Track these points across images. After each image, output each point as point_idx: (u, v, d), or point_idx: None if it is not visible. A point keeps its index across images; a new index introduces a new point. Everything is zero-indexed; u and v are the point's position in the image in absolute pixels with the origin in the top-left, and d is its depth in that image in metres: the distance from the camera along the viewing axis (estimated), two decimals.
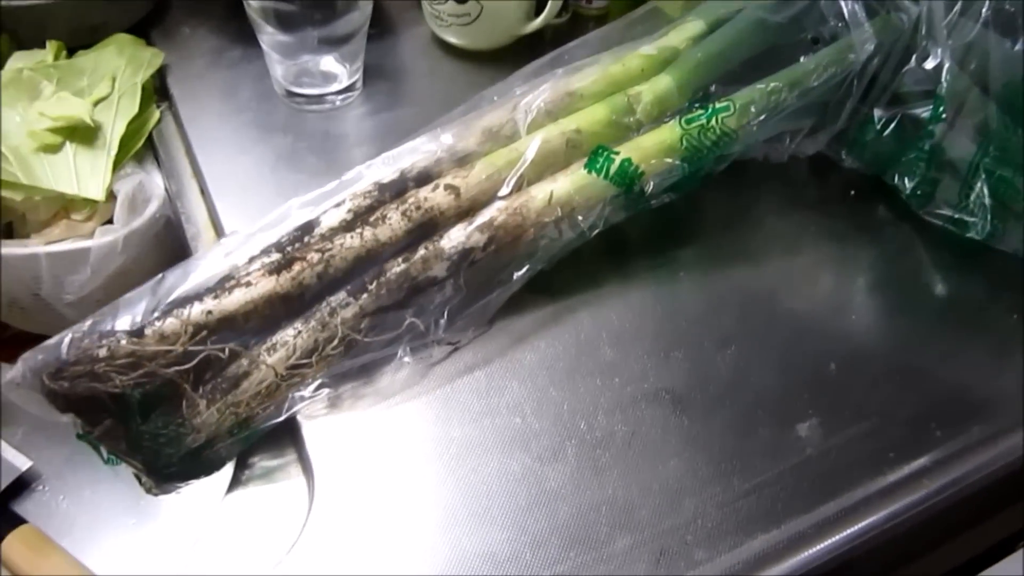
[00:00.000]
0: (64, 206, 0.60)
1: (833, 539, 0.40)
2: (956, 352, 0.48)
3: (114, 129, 0.61)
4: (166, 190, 0.61)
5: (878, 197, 0.56)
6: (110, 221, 0.60)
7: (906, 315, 0.50)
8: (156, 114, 0.64)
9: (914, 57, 0.52)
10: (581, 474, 0.42)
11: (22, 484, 0.59)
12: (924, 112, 0.52)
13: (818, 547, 0.40)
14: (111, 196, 0.60)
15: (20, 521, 0.56)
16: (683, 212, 0.53)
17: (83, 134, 0.60)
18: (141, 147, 0.63)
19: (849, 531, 0.40)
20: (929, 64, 0.51)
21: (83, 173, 0.59)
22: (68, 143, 0.60)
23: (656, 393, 0.45)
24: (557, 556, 0.39)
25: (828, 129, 0.55)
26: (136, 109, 0.62)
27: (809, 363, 0.47)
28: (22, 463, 0.59)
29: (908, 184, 0.53)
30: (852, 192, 0.57)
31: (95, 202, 0.59)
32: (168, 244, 0.62)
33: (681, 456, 0.43)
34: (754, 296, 0.51)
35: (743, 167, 0.55)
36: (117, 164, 0.60)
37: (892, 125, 0.54)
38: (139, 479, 0.45)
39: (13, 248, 0.57)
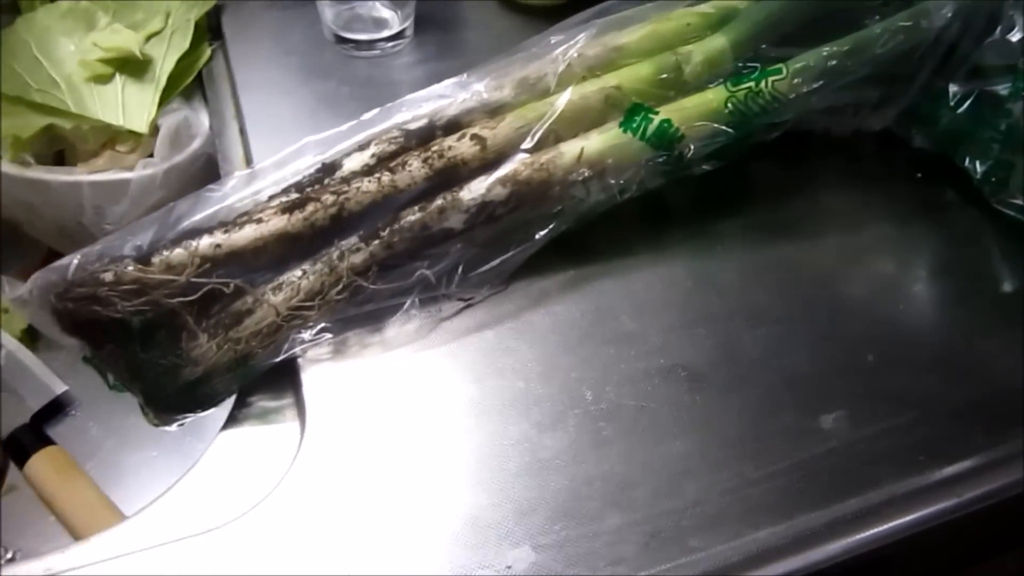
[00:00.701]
0: (111, 137, 0.61)
1: (847, 540, 0.37)
2: (1010, 350, 0.44)
3: (164, 64, 0.61)
4: (210, 129, 0.61)
5: (947, 180, 0.51)
6: (153, 155, 0.60)
7: (961, 306, 0.46)
8: (207, 52, 0.64)
9: (999, 28, 0.47)
10: (579, 446, 0.39)
11: (57, 407, 0.60)
12: (1004, 89, 0.47)
13: (827, 547, 0.36)
14: (156, 130, 0.60)
15: (49, 442, 0.58)
16: (728, 182, 0.50)
17: (133, 67, 0.60)
18: (190, 84, 0.63)
19: (867, 533, 0.37)
20: (1016, 36, 0.47)
21: (130, 105, 0.60)
22: (118, 75, 0.60)
23: (672, 368, 0.42)
24: (541, 527, 0.37)
25: (897, 103, 0.51)
26: (187, 46, 0.62)
27: (846, 350, 0.44)
28: (58, 387, 0.61)
29: (980, 167, 0.48)
30: (919, 174, 0.52)
31: (139, 135, 0.59)
32: (208, 182, 0.61)
33: (690, 436, 0.40)
34: (797, 275, 0.47)
35: (802, 139, 0.52)
36: (164, 99, 0.61)
37: (968, 102, 0.49)
38: (142, 409, 0.44)
39: (59, 175, 0.58)
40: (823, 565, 0.36)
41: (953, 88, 0.49)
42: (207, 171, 0.61)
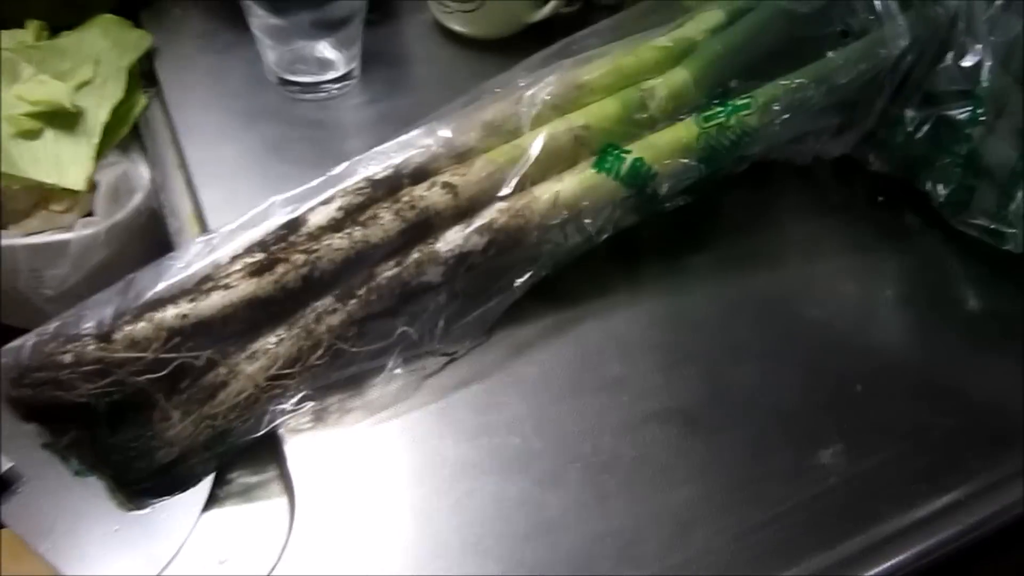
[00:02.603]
0: (43, 196, 0.57)
1: None
2: (990, 372, 0.45)
3: (97, 115, 0.58)
4: (152, 181, 0.58)
5: (907, 204, 0.52)
6: (92, 213, 0.57)
7: (935, 331, 0.47)
8: (143, 100, 0.61)
9: (951, 54, 0.48)
10: (584, 501, 0.38)
11: (2, 485, 0.56)
12: (961, 114, 0.48)
13: None
14: (93, 186, 0.57)
15: None
16: (698, 216, 0.50)
17: (64, 120, 0.57)
18: (127, 135, 0.60)
19: (874, 570, 0.37)
20: (968, 62, 0.48)
21: (64, 161, 0.56)
22: (48, 129, 0.56)
23: (666, 412, 0.42)
24: None
25: (856, 130, 0.52)
26: (121, 94, 0.59)
27: (832, 381, 0.44)
28: (2, 463, 0.57)
29: (942, 191, 0.49)
30: (880, 198, 0.53)
31: (76, 192, 0.56)
32: (154, 238, 0.58)
33: (692, 483, 0.39)
34: (772, 306, 0.48)
35: (764, 168, 0.52)
36: (100, 152, 0.57)
37: (925, 127, 0.50)
38: (112, 494, 0.42)
39: None
40: None
41: (910, 113, 0.50)
42: (151, 226, 0.58)
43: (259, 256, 0.42)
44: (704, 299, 0.48)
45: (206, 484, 0.41)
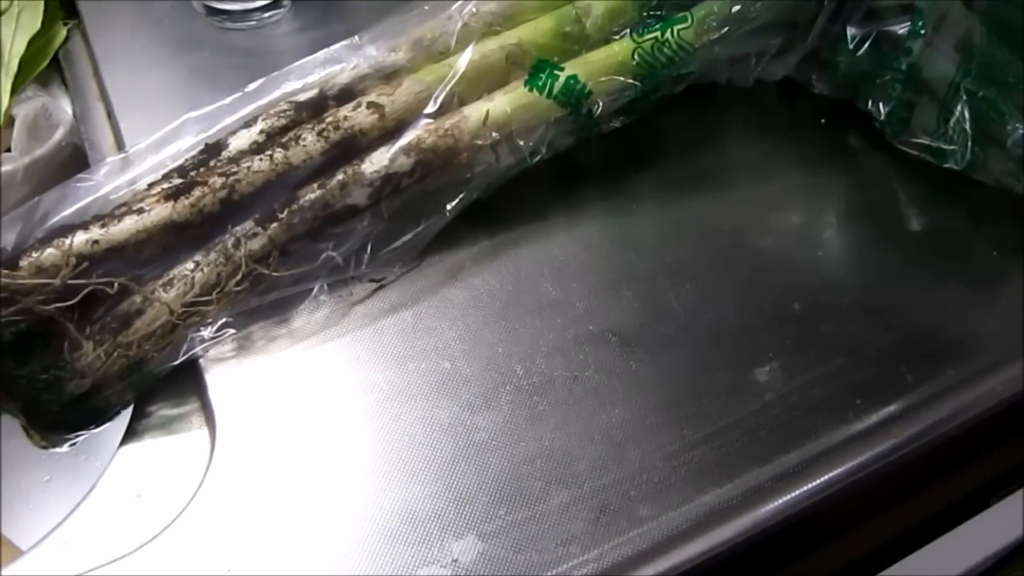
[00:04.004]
0: None
1: (792, 494, 0.36)
2: (931, 289, 0.44)
3: (13, 47, 0.55)
4: (74, 116, 0.56)
5: (850, 125, 0.51)
6: (9, 150, 0.54)
7: (878, 250, 0.46)
8: (63, 32, 0.58)
9: None
10: (515, 424, 0.37)
11: None
12: (901, 28, 0.47)
13: (775, 503, 0.35)
14: (10, 121, 0.54)
15: None
16: (638, 138, 0.49)
17: None
18: (46, 69, 0.57)
19: (810, 485, 0.36)
20: None
21: None
22: None
23: (602, 334, 0.41)
24: (485, 513, 0.35)
25: (797, 50, 0.50)
26: (38, 25, 0.56)
27: (772, 301, 0.43)
28: None
29: (883, 109, 0.48)
30: (823, 120, 0.52)
31: None
32: (78, 173, 0.56)
33: (627, 403, 0.38)
34: (714, 228, 0.46)
35: (705, 91, 0.51)
36: (17, 86, 0.55)
37: (867, 44, 0.49)
38: (26, 431, 0.40)
39: None
40: (770, 522, 0.36)
41: (851, 31, 0.49)
42: (73, 163, 0.55)
43: (177, 181, 0.41)
44: (644, 221, 0.46)
45: (124, 418, 0.40)
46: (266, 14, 0.57)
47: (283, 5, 0.58)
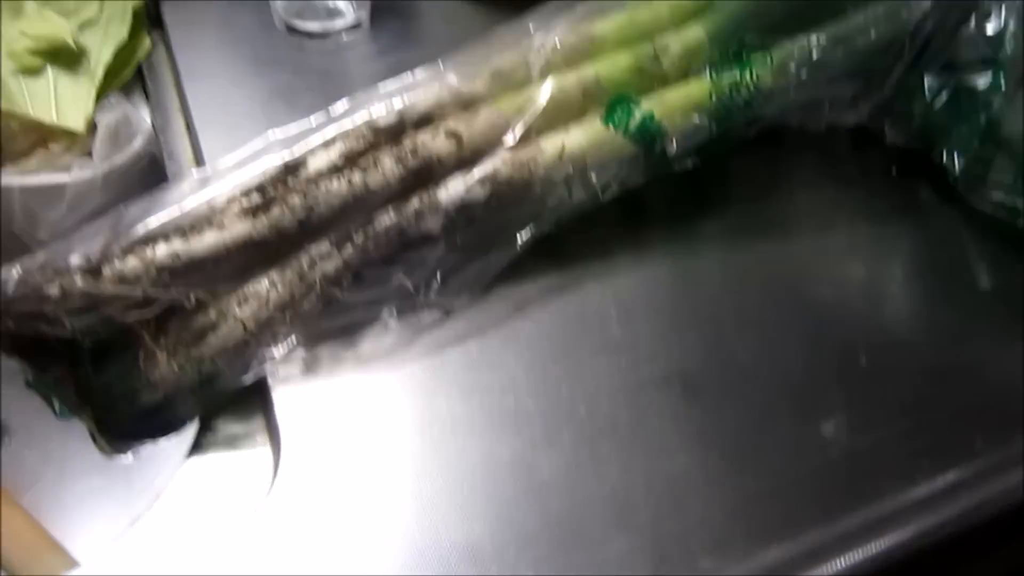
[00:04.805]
0: (42, 136, 0.56)
1: (855, 555, 0.35)
2: (1001, 352, 0.43)
3: (100, 55, 0.57)
4: (152, 126, 0.57)
5: (923, 176, 0.50)
6: (91, 155, 0.55)
7: (946, 307, 0.45)
8: (147, 43, 0.59)
9: (973, 19, 0.47)
10: (577, 465, 0.37)
11: None
12: (981, 82, 0.46)
13: (838, 563, 0.35)
14: (93, 128, 0.56)
15: None
16: (707, 180, 0.48)
17: (66, 58, 0.55)
18: (129, 78, 0.58)
19: (873, 546, 0.36)
20: (990, 29, 0.46)
21: (64, 101, 0.55)
22: (50, 67, 0.55)
23: (666, 378, 0.41)
24: (546, 555, 0.34)
25: (872, 98, 0.50)
26: (125, 35, 0.57)
27: (837, 353, 0.42)
28: None
29: (957, 163, 0.48)
30: (894, 169, 0.52)
31: (75, 133, 0.54)
32: (153, 184, 0.57)
33: (690, 450, 0.38)
34: (780, 276, 0.46)
35: (775, 135, 0.50)
36: (101, 94, 0.56)
37: (944, 95, 0.48)
38: (93, 437, 0.41)
39: None
40: None
41: (929, 81, 0.48)
42: (150, 172, 0.56)
43: (256, 198, 0.41)
44: (711, 265, 0.46)
45: (190, 431, 0.40)
46: (344, 34, 0.58)
47: (361, 27, 0.59)
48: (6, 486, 0.52)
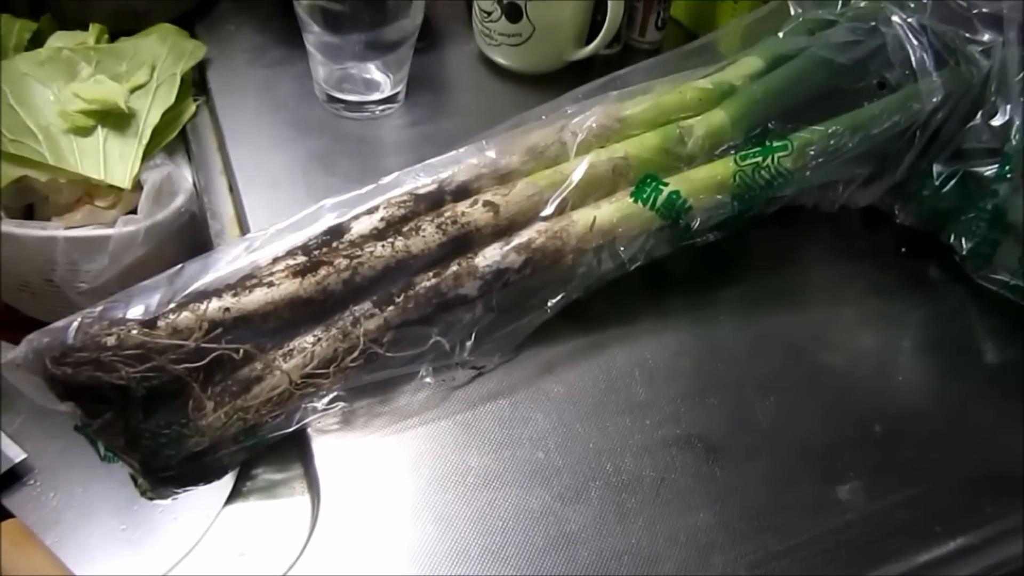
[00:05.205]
0: (88, 191, 0.59)
1: None
2: (1008, 423, 0.45)
3: (148, 117, 0.60)
4: (194, 185, 0.60)
5: (930, 256, 0.53)
6: (134, 211, 0.58)
7: (955, 380, 0.48)
8: (192, 107, 0.63)
9: (981, 112, 0.50)
10: (604, 518, 0.39)
11: (13, 476, 0.57)
12: (988, 171, 0.49)
13: None
14: (137, 186, 0.58)
15: (6, 515, 0.54)
16: (727, 253, 0.51)
17: (116, 119, 0.58)
18: (173, 139, 0.61)
19: None
20: (997, 121, 0.49)
21: (111, 159, 0.58)
22: (100, 127, 0.58)
23: (688, 438, 0.43)
24: None
25: (884, 180, 0.53)
26: (172, 99, 0.61)
27: (853, 421, 0.44)
28: (15, 454, 0.57)
29: (965, 244, 0.50)
30: (903, 248, 0.54)
31: (120, 190, 0.57)
32: (191, 240, 0.60)
33: (712, 508, 0.40)
34: (797, 345, 0.48)
35: (791, 213, 0.53)
36: (147, 153, 0.59)
37: (952, 182, 0.51)
38: (135, 480, 0.42)
39: (30, 229, 0.56)
40: None
41: (938, 168, 0.51)
42: (188, 230, 0.59)
43: (302, 258, 0.44)
44: (730, 333, 0.49)
45: (229, 478, 0.42)
46: (380, 107, 0.61)
47: (397, 100, 0.62)
48: (30, 524, 0.53)
